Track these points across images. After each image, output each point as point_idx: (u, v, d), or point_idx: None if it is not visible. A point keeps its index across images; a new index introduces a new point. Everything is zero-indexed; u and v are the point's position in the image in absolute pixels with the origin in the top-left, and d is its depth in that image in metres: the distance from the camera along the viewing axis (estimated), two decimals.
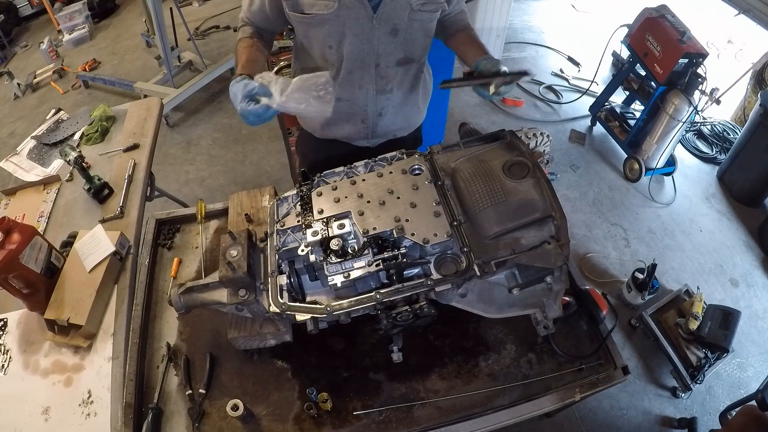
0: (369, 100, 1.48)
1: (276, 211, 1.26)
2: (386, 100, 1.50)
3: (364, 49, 1.35)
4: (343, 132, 1.59)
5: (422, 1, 1.31)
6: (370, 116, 1.53)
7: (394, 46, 1.38)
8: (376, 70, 1.41)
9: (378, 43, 1.34)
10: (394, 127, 1.62)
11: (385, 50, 1.37)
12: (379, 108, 1.51)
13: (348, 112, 1.52)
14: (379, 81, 1.44)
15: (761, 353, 2.48)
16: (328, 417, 1.18)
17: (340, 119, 1.54)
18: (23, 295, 1.45)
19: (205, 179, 3.39)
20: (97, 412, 1.30)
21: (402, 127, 1.64)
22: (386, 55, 1.39)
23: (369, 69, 1.40)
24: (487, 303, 1.16)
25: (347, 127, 1.57)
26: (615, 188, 3.31)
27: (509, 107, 3.90)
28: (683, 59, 2.85)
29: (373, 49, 1.35)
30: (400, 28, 1.34)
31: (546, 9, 5.14)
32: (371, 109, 1.51)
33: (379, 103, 1.50)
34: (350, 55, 1.36)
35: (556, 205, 1.11)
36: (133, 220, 1.76)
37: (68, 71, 4.53)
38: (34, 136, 2.20)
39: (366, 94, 1.46)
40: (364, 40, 1.33)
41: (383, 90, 1.47)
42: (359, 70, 1.40)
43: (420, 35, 1.40)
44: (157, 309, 1.42)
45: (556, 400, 1.20)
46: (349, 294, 1.10)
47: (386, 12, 1.29)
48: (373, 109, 1.51)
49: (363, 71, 1.40)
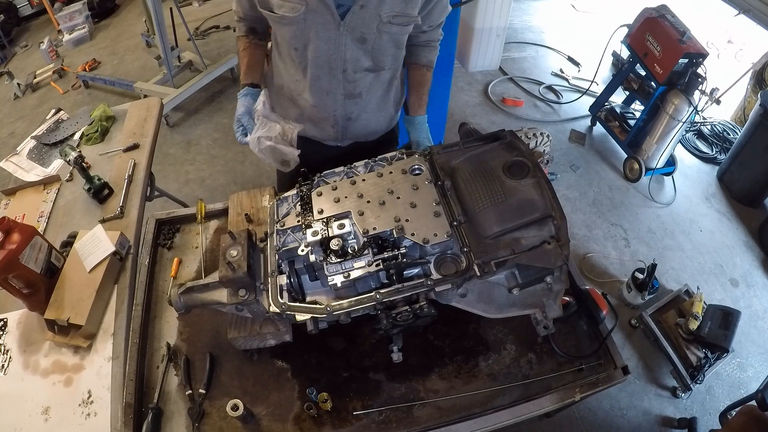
0: (338, 104, 1.46)
1: (276, 211, 1.26)
2: (355, 105, 1.48)
3: (330, 55, 1.33)
4: (313, 133, 1.58)
5: (393, 14, 1.28)
6: (340, 121, 1.51)
7: (363, 54, 1.35)
8: (344, 75, 1.38)
9: (345, 49, 1.32)
10: (366, 131, 1.60)
11: (353, 57, 1.35)
12: (349, 112, 1.49)
13: (317, 117, 1.51)
14: (347, 86, 1.42)
15: (761, 353, 2.48)
16: (328, 417, 1.18)
17: (310, 123, 1.53)
18: (23, 295, 1.45)
19: (205, 179, 3.39)
20: (97, 412, 1.30)
21: (374, 130, 1.63)
22: (354, 61, 1.36)
23: (336, 74, 1.38)
24: (487, 303, 1.16)
25: (317, 130, 1.56)
26: (615, 188, 3.31)
27: (509, 107, 3.90)
28: (683, 59, 2.85)
29: (339, 55, 1.33)
30: (369, 38, 1.31)
31: (546, 9, 5.14)
32: (340, 113, 1.49)
33: (348, 108, 1.48)
34: (316, 60, 1.35)
35: (556, 205, 1.11)
36: (133, 220, 1.76)
37: (68, 71, 4.53)
38: (34, 136, 2.20)
39: (334, 98, 1.44)
40: (330, 45, 1.31)
41: (352, 95, 1.45)
42: (326, 76, 1.38)
43: (389, 46, 1.37)
44: (157, 309, 1.42)
45: (556, 400, 1.19)
46: (349, 294, 1.10)
47: (354, 21, 1.27)
48: (342, 113, 1.49)
49: (330, 76, 1.38)
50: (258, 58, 1.50)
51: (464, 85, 4.12)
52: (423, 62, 1.55)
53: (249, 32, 1.49)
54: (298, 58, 1.37)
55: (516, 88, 4.12)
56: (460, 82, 4.11)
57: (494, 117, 3.84)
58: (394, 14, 1.28)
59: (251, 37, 1.49)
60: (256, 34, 1.51)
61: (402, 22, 1.31)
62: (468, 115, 3.82)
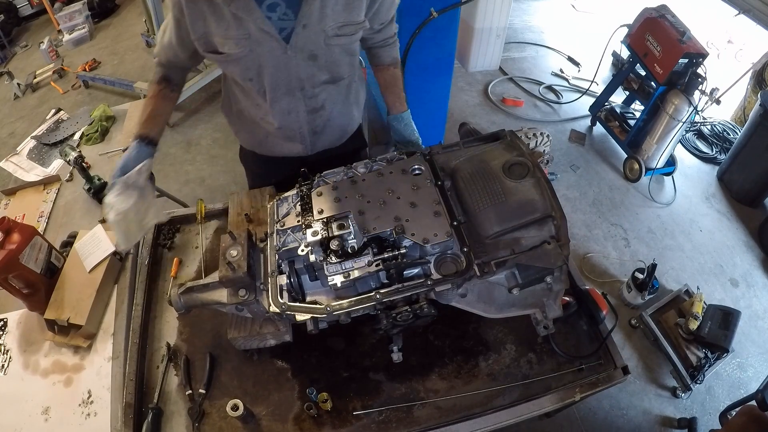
0: (302, 121, 1.45)
1: (276, 211, 1.26)
2: (319, 118, 1.47)
3: (284, 78, 1.31)
4: (282, 151, 1.56)
5: (338, 26, 1.24)
6: (306, 136, 1.50)
7: (317, 70, 1.33)
8: (303, 92, 1.36)
9: (298, 69, 1.30)
10: (332, 139, 1.59)
11: (308, 74, 1.33)
12: (314, 126, 1.48)
13: (284, 136, 1.49)
14: (308, 102, 1.40)
15: (761, 353, 2.48)
16: (328, 417, 1.18)
17: (277, 143, 1.52)
18: (23, 295, 1.45)
19: (205, 179, 3.39)
20: (97, 412, 1.30)
21: (340, 136, 1.62)
22: (309, 78, 1.34)
23: (295, 93, 1.36)
24: (487, 303, 1.16)
25: (286, 147, 1.55)
26: (615, 188, 3.31)
27: (509, 107, 3.90)
28: (683, 59, 2.85)
29: (294, 75, 1.31)
30: (319, 54, 1.29)
31: (546, 9, 5.14)
32: (305, 129, 1.47)
33: (313, 122, 1.47)
34: (272, 85, 1.32)
35: (556, 205, 1.11)
36: None
37: (68, 71, 4.53)
38: (34, 136, 2.21)
39: (297, 116, 1.43)
40: (282, 69, 1.29)
41: (314, 109, 1.43)
42: (285, 97, 1.36)
43: (342, 57, 1.35)
44: (157, 309, 1.42)
45: (556, 400, 1.19)
46: (349, 294, 1.10)
47: (300, 41, 1.23)
48: (307, 128, 1.47)
49: (290, 96, 1.36)
50: (164, 110, 1.41)
51: (464, 85, 4.12)
52: (387, 62, 1.53)
53: (163, 80, 1.40)
54: (255, 86, 1.34)
55: (516, 88, 4.12)
56: (460, 82, 4.10)
57: (494, 117, 3.84)
58: (339, 26, 1.24)
59: (164, 85, 1.40)
60: (170, 84, 1.42)
61: (349, 31, 1.28)
62: (468, 115, 3.82)
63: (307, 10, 1.18)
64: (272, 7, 1.17)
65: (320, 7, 1.19)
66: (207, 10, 1.17)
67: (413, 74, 2.51)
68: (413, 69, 2.49)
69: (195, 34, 1.23)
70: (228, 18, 1.17)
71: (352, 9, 1.24)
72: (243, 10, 1.15)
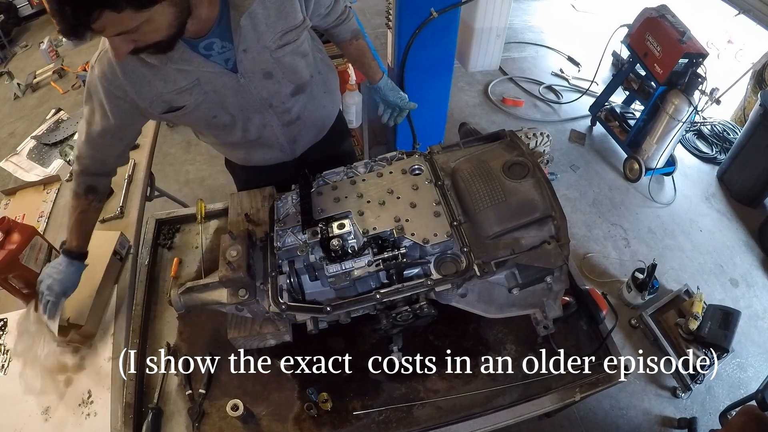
0: (278, 133, 1.42)
1: (276, 211, 1.26)
2: (296, 128, 1.45)
3: (248, 102, 1.27)
4: (265, 159, 1.54)
5: (278, 36, 1.18)
6: (286, 145, 1.48)
7: (278, 85, 1.28)
8: (273, 109, 1.33)
9: (258, 91, 1.26)
10: (313, 137, 1.56)
11: (270, 92, 1.28)
12: (291, 135, 1.46)
13: (263, 146, 1.47)
14: (281, 116, 1.37)
15: (761, 353, 2.48)
16: (328, 417, 1.18)
17: (258, 153, 1.50)
18: (23, 295, 1.45)
19: (205, 179, 3.39)
20: (97, 412, 1.30)
21: (320, 131, 1.58)
22: (274, 95, 1.30)
23: (264, 112, 1.33)
24: (487, 303, 1.16)
25: (267, 156, 1.52)
26: (615, 188, 3.31)
27: (509, 107, 3.90)
28: (683, 59, 2.85)
29: (256, 98, 1.27)
30: (272, 70, 1.24)
31: (546, 9, 5.14)
32: (283, 140, 1.45)
33: (290, 133, 1.45)
34: (240, 113, 1.29)
35: (556, 205, 1.11)
36: (133, 220, 1.76)
37: (68, 71, 4.52)
38: (34, 136, 2.20)
39: (272, 130, 1.40)
40: (241, 96, 1.24)
41: (289, 122, 1.41)
42: (256, 116, 1.33)
43: (297, 61, 1.28)
44: (157, 309, 1.42)
45: (556, 400, 1.19)
46: (349, 294, 1.10)
47: (247, 65, 1.19)
48: (285, 138, 1.45)
49: (260, 115, 1.33)
50: (92, 224, 1.35)
51: (464, 85, 4.12)
52: (348, 37, 1.49)
53: (88, 191, 1.30)
54: (223, 119, 1.30)
55: (516, 88, 4.12)
56: (460, 82, 4.10)
57: (494, 117, 3.84)
58: (279, 36, 1.18)
59: (92, 197, 1.31)
60: (97, 195, 1.33)
61: (292, 37, 1.21)
62: (468, 115, 3.81)
63: (241, 36, 1.12)
64: (208, 47, 1.12)
65: (252, 27, 1.13)
66: (148, 74, 1.12)
67: (413, 74, 2.51)
68: (413, 69, 2.49)
69: (145, 101, 1.17)
70: (172, 74, 1.13)
71: (287, 14, 1.17)
72: (182, 62, 1.10)
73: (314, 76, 1.41)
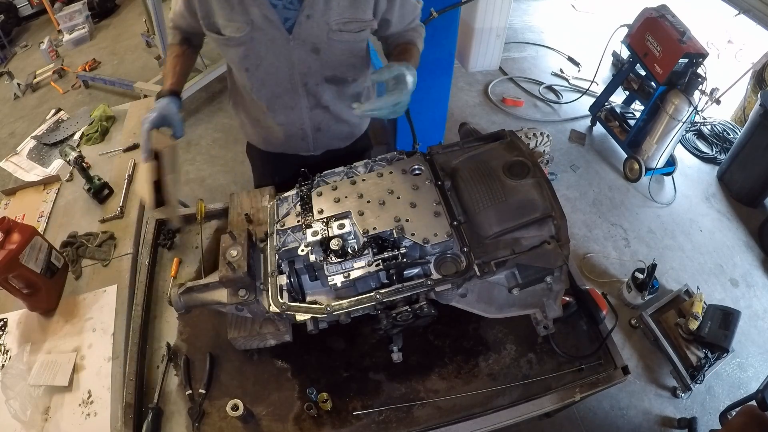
0: (304, 117, 1.43)
1: (276, 211, 1.26)
2: (322, 116, 1.45)
3: (285, 70, 1.29)
4: (284, 148, 1.56)
5: (343, 21, 1.22)
6: (309, 132, 1.48)
7: (320, 65, 1.30)
8: (305, 88, 1.35)
9: (300, 62, 1.28)
10: (336, 140, 1.58)
11: (310, 69, 1.30)
12: (317, 123, 1.46)
13: (286, 134, 1.48)
14: (310, 98, 1.38)
15: (761, 353, 2.48)
16: (328, 417, 1.18)
17: (280, 139, 1.51)
18: (23, 295, 1.45)
19: (205, 179, 3.39)
20: (97, 412, 1.30)
21: (345, 138, 1.60)
22: (312, 74, 1.32)
23: (297, 88, 1.34)
24: (487, 303, 1.16)
25: (287, 146, 1.54)
26: (615, 188, 3.31)
27: (509, 107, 3.90)
28: (683, 59, 2.85)
29: (295, 69, 1.29)
30: (321, 48, 1.26)
31: (546, 9, 5.14)
32: (308, 125, 1.45)
33: (316, 119, 1.45)
34: (272, 77, 1.31)
35: (556, 205, 1.11)
36: (133, 220, 1.76)
37: (68, 71, 4.53)
38: (34, 136, 2.20)
39: (300, 113, 1.41)
40: (282, 60, 1.27)
41: (317, 105, 1.41)
42: (288, 92, 1.35)
43: (345, 55, 1.31)
44: (157, 309, 1.42)
45: (556, 400, 1.19)
46: (349, 294, 1.10)
47: (303, 32, 1.22)
48: (309, 125, 1.45)
49: (292, 92, 1.35)
50: (187, 68, 1.42)
51: (464, 85, 4.12)
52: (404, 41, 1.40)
53: (184, 42, 1.42)
54: (252, 78, 1.32)
55: (516, 88, 4.12)
56: (460, 82, 4.10)
57: (494, 117, 3.84)
58: (344, 21, 1.22)
59: (186, 46, 1.42)
60: (191, 45, 1.44)
61: (354, 28, 1.24)
62: (468, 115, 3.82)
63: (312, 1, 1.17)
64: None
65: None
66: None
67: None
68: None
69: (200, 12, 1.23)
70: (233, 1, 1.17)
71: (359, 5, 1.22)
72: None
73: (358, 86, 1.44)
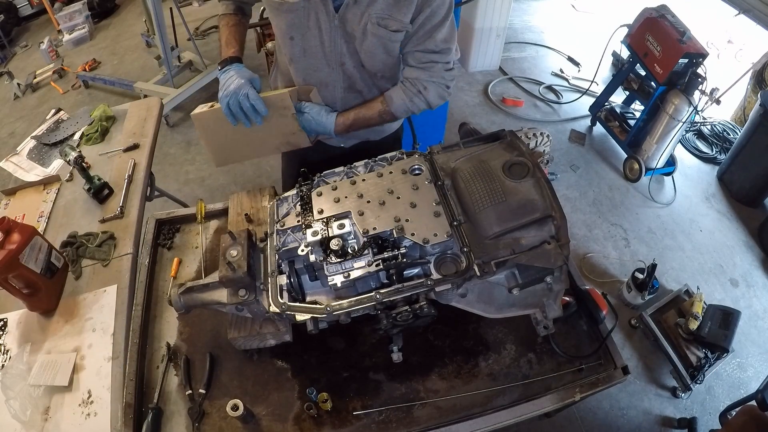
0: (337, 97, 1.45)
1: (276, 211, 1.26)
2: (355, 99, 1.47)
3: (326, 45, 1.33)
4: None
5: (382, 16, 1.25)
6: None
7: (351, 51, 1.35)
8: (342, 68, 1.38)
9: (339, 43, 1.32)
10: (366, 131, 1.57)
11: (347, 52, 1.35)
12: (349, 105, 1.48)
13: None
14: (346, 79, 1.41)
15: (761, 353, 2.48)
16: (328, 417, 1.18)
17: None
18: (23, 295, 1.45)
19: (205, 179, 3.39)
20: (97, 412, 1.30)
21: (377, 130, 1.61)
22: (349, 56, 1.36)
23: (334, 66, 1.37)
24: (487, 303, 1.16)
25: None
26: (615, 188, 3.31)
27: (509, 107, 3.90)
28: (683, 59, 2.85)
29: (335, 48, 1.33)
30: (356, 36, 1.30)
31: (546, 9, 5.14)
32: (340, 106, 1.47)
33: (348, 101, 1.47)
34: (313, 50, 1.34)
35: (556, 205, 1.11)
36: (133, 220, 1.76)
37: (68, 71, 4.53)
38: (34, 136, 2.20)
39: (333, 91, 1.44)
40: (325, 36, 1.31)
41: (352, 88, 1.44)
42: (325, 67, 1.38)
43: (379, 50, 1.33)
44: (157, 309, 1.42)
45: (556, 400, 1.19)
46: (349, 294, 1.10)
47: (345, 15, 1.27)
48: (342, 106, 1.47)
49: (329, 69, 1.38)
50: (242, 35, 1.48)
51: (464, 85, 4.12)
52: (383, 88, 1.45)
53: (237, 11, 1.47)
54: (295, 47, 1.35)
55: (516, 88, 4.12)
56: (460, 82, 4.11)
57: (494, 117, 3.84)
58: (383, 16, 1.25)
59: (240, 15, 1.48)
60: (244, 15, 1.49)
61: (390, 25, 1.27)
62: (468, 115, 3.82)
63: None
64: None
65: None
66: None
67: None
68: None
69: None
70: None
71: (401, 7, 1.25)
72: None
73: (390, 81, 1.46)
